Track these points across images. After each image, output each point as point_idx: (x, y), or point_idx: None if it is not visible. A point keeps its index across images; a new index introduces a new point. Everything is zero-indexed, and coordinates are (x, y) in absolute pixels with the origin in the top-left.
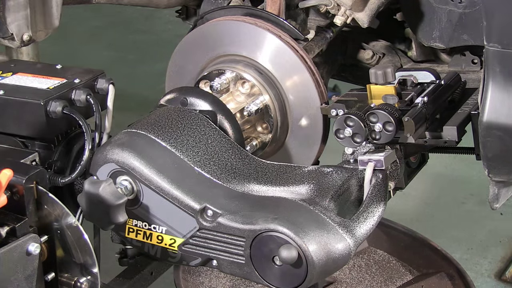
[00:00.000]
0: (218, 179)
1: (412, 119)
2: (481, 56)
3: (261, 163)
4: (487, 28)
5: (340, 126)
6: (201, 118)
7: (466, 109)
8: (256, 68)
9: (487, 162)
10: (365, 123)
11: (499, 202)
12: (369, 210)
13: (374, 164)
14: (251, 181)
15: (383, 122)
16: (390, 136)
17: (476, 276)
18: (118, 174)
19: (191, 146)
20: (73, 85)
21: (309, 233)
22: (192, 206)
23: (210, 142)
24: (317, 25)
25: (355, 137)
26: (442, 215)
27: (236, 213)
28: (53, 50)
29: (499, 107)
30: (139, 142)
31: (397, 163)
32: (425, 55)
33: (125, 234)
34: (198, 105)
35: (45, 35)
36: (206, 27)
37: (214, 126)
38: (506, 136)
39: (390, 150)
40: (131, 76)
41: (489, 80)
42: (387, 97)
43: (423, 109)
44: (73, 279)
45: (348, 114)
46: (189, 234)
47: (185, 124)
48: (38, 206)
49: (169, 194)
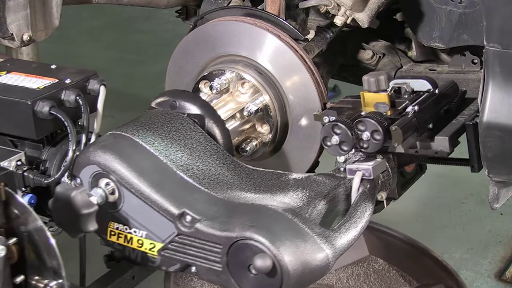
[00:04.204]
0: (200, 184)
1: (400, 129)
2: (481, 56)
3: (247, 169)
4: (487, 28)
5: (327, 134)
6: (188, 121)
7: (461, 119)
8: (256, 68)
9: (487, 162)
10: (353, 131)
11: (499, 202)
12: (351, 221)
13: (362, 173)
14: (233, 188)
15: (371, 131)
16: (378, 145)
17: (476, 276)
18: (100, 176)
19: (175, 149)
20: (63, 85)
21: (285, 243)
22: (171, 211)
23: (195, 146)
24: (317, 25)
25: (343, 145)
26: (442, 215)
27: (215, 220)
28: (53, 50)
29: (499, 107)
30: (122, 144)
31: (389, 172)
32: (425, 55)
33: (107, 237)
34: (187, 109)
35: (45, 35)
36: (206, 27)
37: (201, 131)
38: (506, 136)
39: (380, 159)
40: (131, 76)
41: (489, 80)
42: (378, 105)
43: (413, 118)
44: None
45: (335, 121)
46: (168, 239)
47: (171, 128)
48: (6, 208)
49: (149, 198)
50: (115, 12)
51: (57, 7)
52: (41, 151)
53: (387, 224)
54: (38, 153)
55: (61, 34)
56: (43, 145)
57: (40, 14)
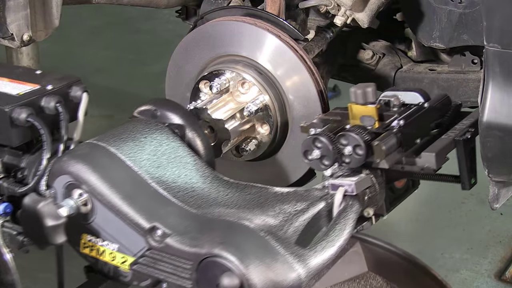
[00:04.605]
0: (174, 197)
1: (383, 144)
2: (481, 56)
3: (226, 183)
4: (487, 28)
5: (308, 148)
6: (167, 132)
7: (452, 134)
8: (256, 68)
9: (487, 162)
10: (335, 146)
11: (499, 202)
12: (328, 239)
13: (344, 189)
14: (208, 202)
15: (354, 145)
16: (360, 160)
17: (476, 276)
18: (73, 187)
19: (151, 160)
20: (43, 92)
21: (254, 262)
22: (141, 225)
23: (172, 157)
24: (317, 25)
25: (324, 160)
26: (442, 215)
27: (185, 235)
28: (53, 50)
29: (499, 107)
30: (96, 154)
31: (376, 188)
32: (425, 55)
33: (80, 249)
34: (168, 118)
35: (45, 35)
36: (206, 27)
37: (180, 142)
38: (506, 136)
39: (364, 175)
40: (131, 76)
41: (489, 80)
42: (364, 118)
43: (397, 133)
44: None
45: (316, 135)
46: (139, 253)
47: (148, 138)
48: None
49: (120, 211)
50: (115, 12)
51: (57, 7)
52: (20, 159)
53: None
54: (17, 160)
55: (61, 34)
56: (23, 152)
57: (40, 14)
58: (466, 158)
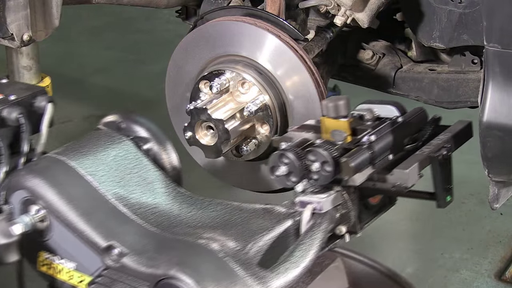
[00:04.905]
0: (134, 214)
1: (350, 161)
2: (481, 56)
3: (190, 199)
4: (487, 28)
5: (274, 163)
6: (130, 146)
7: (427, 150)
8: (255, 68)
9: (487, 162)
10: (303, 162)
11: (499, 202)
12: (292, 260)
13: (313, 206)
14: (170, 219)
15: (322, 162)
16: (328, 177)
17: (476, 276)
18: (30, 202)
19: (112, 175)
20: (6, 102)
21: (211, 284)
22: (98, 243)
23: (135, 172)
24: (317, 25)
25: (291, 176)
26: (442, 215)
27: (143, 254)
28: (53, 50)
29: (499, 107)
30: (55, 169)
31: (348, 205)
32: (425, 55)
33: (37, 267)
34: (134, 131)
35: (45, 35)
36: (206, 27)
37: (144, 156)
38: (506, 136)
39: (334, 192)
40: (131, 76)
41: (489, 80)
42: (334, 133)
43: (367, 149)
44: None
45: (283, 150)
46: (96, 272)
47: (111, 152)
48: None
49: (76, 228)
50: (115, 12)
51: (57, 7)
52: None
53: (387, 224)
54: None
55: (61, 34)
56: None
57: (40, 14)
58: (441, 175)
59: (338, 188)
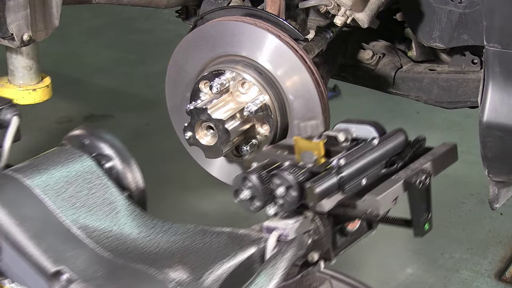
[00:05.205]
0: (89, 237)
1: (315, 187)
2: (481, 56)
3: (151, 222)
4: (487, 28)
5: (237, 186)
6: (91, 164)
7: (403, 175)
8: (255, 68)
9: (487, 162)
10: (267, 186)
11: (499, 202)
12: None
13: (279, 233)
14: (126, 244)
15: (286, 186)
16: (293, 202)
17: (476, 276)
18: None
19: (69, 195)
20: None
21: None
22: (45, 268)
23: (93, 193)
24: (317, 25)
25: (254, 201)
26: (442, 215)
27: (91, 281)
28: (53, 50)
29: (499, 107)
30: (8, 187)
31: (320, 231)
32: (425, 55)
33: None
34: (97, 148)
35: (45, 35)
36: (206, 27)
37: (104, 175)
38: (506, 136)
39: (303, 217)
40: (131, 76)
41: (489, 80)
42: (304, 155)
43: (336, 174)
44: None
45: (246, 173)
46: None
47: (70, 170)
48: None
49: (25, 251)
50: (115, 12)
51: (57, 7)
52: None
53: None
54: None
55: (61, 34)
56: None
57: (40, 14)
58: (418, 202)
59: (308, 213)
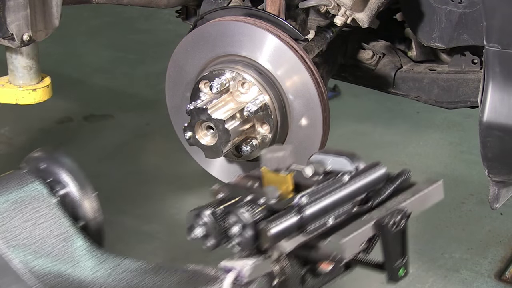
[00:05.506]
0: (29, 272)
1: (271, 227)
2: (481, 56)
3: (101, 256)
4: (487, 28)
5: (191, 223)
6: (42, 191)
7: (376, 215)
8: (255, 68)
9: (487, 162)
10: (221, 224)
11: (499, 202)
12: None
13: (236, 273)
14: (68, 282)
15: (242, 225)
16: (249, 242)
17: (476, 276)
18: None
19: (13, 226)
20: None
21: None
22: None
23: (41, 222)
24: (317, 25)
25: (208, 239)
26: (442, 215)
27: None
28: (53, 50)
29: (499, 107)
30: None
31: (286, 272)
32: (425, 55)
33: None
34: (53, 173)
35: (45, 35)
36: (206, 27)
37: (54, 204)
38: (506, 136)
39: (264, 257)
40: (131, 76)
41: (489, 80)
42: (267, 190)
43: (297, 213)
44: None
45: (199, 209)
46: None
47: (17, 197)
48: None
49: None
50: (115, 12)
51: (57, 7)
52: None
53: None
54: None
55: (61, 34)
56: None
57: (40, 14)
58: (391, 246)
59: (274, 253)
